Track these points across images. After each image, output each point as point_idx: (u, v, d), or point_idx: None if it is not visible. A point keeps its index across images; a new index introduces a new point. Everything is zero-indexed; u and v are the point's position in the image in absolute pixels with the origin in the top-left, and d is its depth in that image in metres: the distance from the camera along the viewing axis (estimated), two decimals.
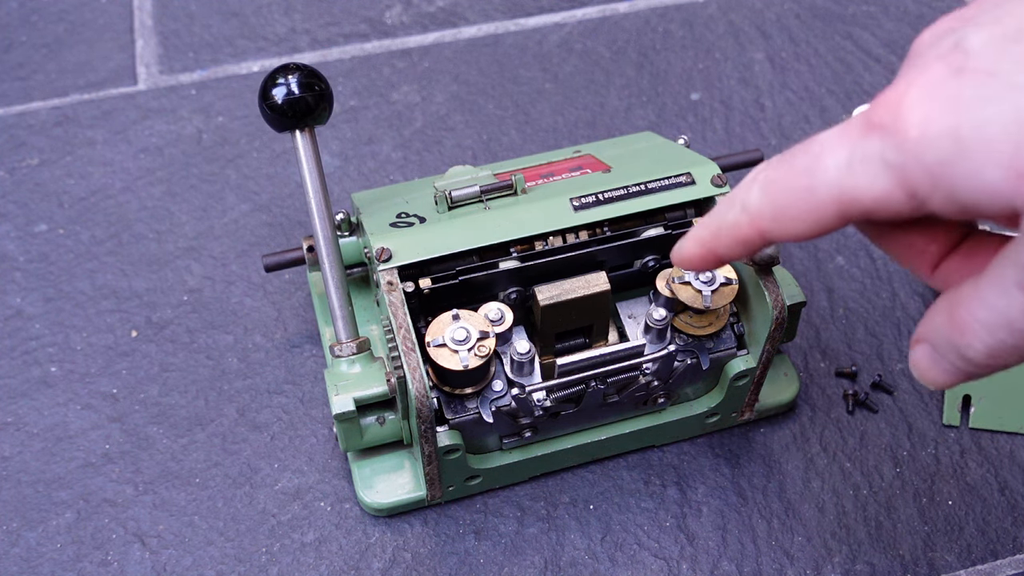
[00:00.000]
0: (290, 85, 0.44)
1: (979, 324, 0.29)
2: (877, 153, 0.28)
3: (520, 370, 0.44)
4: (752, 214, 0.32)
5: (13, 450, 0.51)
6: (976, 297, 0.29)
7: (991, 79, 0.26)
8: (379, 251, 0.44)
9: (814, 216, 0.30)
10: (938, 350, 0.31)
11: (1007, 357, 0.29)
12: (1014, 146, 0.26)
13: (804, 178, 0.30)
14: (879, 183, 0.28)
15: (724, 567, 0.47)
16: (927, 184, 0.27)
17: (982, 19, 0.28)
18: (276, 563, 0.47)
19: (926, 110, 0.27)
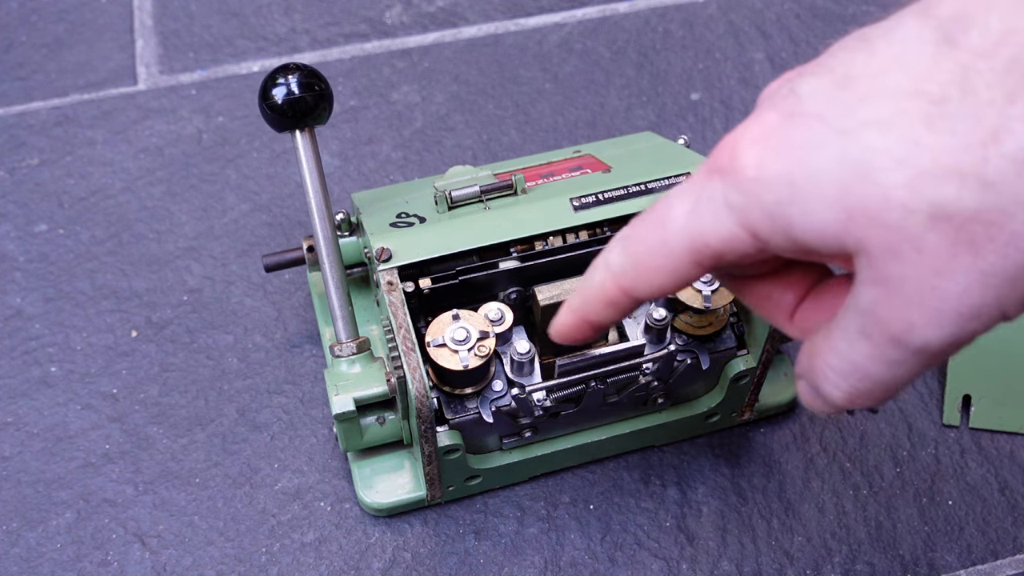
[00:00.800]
0: (290, 85, 0.44)
1: (833, 372, 0.30)
2: (720, 196, 0.29)
3: (520, 370, 0.44)
4: (615, 273, 0.33)
5: (13, 450, 0.51)
6: (827, 346, 0.30)
7: (819, 123, 0.27)
8: (379, 251, 0.44)
9: (671, 266, 0.31)
10: (811, 389, 0.32)
11: (867, 400, 0.30)
12: (840, 188, 0.26)
13: (658, 230, 0.31)
14: (724, 225, 0.29)
15: (724, 567, 0.47)
16: (767, 225, 0.28)
17: (816, 69, 0.28)
18: (276, 563, 0.47)
19: (761, 153, 0.28)
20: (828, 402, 0.31)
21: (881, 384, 0.29)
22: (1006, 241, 0.25)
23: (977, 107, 0.25)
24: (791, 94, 0.28)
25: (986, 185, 0.25)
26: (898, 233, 0.26)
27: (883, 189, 0.26)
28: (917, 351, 0.28)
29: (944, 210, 0.25)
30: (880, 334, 0.28)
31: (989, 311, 0.27)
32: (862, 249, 0.27)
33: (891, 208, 0.26)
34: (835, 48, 0.29)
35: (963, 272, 0.26)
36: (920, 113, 0.26)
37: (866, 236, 0.26)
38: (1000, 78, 0.25)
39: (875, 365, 0.29)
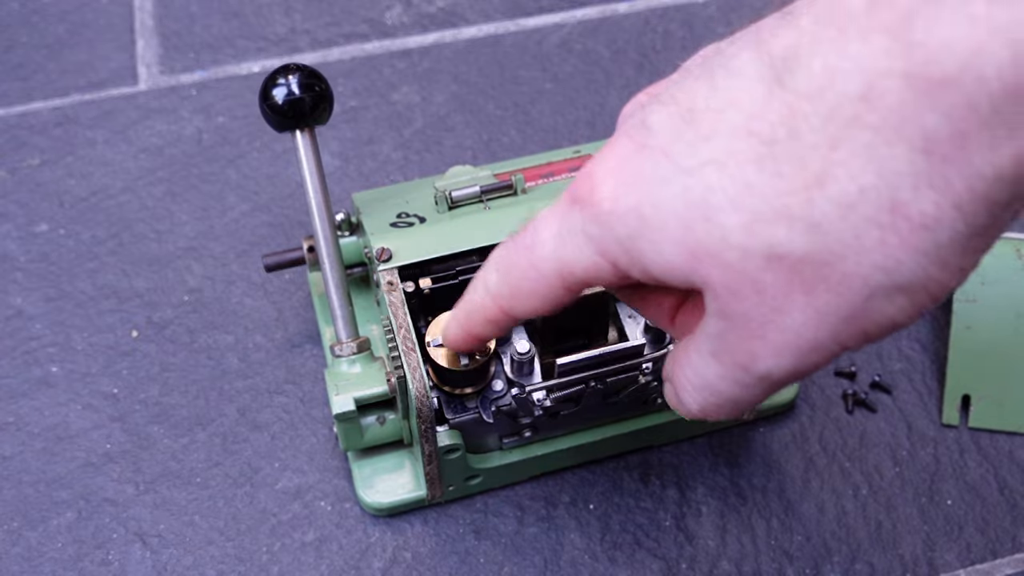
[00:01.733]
0: (290, 85, 0.44)
1: (689, 384, 0.31)
2: (580, 226, 0.30)
3: (520, 370, 0.44)
4: (493, 295, 0.34)
5: (14, 450, 0.51)
6: (685, 361, 0.31)
7: (665, 159, 0.28)
8: (379, 251, 0.44)
9: (544, 290, 0.32)
10: (677, 396, 0.33)
11: (718, 412, 0.31)
12: (683, 227, 0.27)
13: (528, 255, 0.32)
14: (585, 254, 0.30)
15: (723, 567, 0.47)
16: (623, 257, 0.29)
17: (664, 97, 0.29)
18: (276, 562, 0.47)
19: (615, 185, 0.29)
20: (686, 410, 0.32)
21: (732, 401, 0.30)
22: (838, 281, 0.26)
23: (803, 151, 0.25)
24: (642, 125, 0.29)
25: (813, 227, 0.25)
26: (738, 274, 0.27)
27: (722, 230, 0.26)
28: (762, 378, 0.29)
29: (777, 252, 0.26)
30: (728, 359, 0.29)
31: (827, 345, 0.27)
32: (707, 285, 0.28)
33: (730, 249, 0.26)
34: (685, 69, 0.30)
35: (799, 310, 0.26)
36: (752, 153, 0.26)
37: (709, 275, 0.27)
38: (823, 123, 0.25)
39: (725, 384, 0.30)
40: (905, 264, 0.25)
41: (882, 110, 0.24)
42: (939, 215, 0.24)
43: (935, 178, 0.24)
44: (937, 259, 0.25)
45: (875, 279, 0.25)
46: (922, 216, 0.24)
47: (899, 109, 0.24)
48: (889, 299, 0.26)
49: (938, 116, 0.23)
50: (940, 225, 0.24)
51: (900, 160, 0.24)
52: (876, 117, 0.24)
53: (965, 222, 0.24)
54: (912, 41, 0.23)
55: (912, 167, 0.24)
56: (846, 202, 0.25)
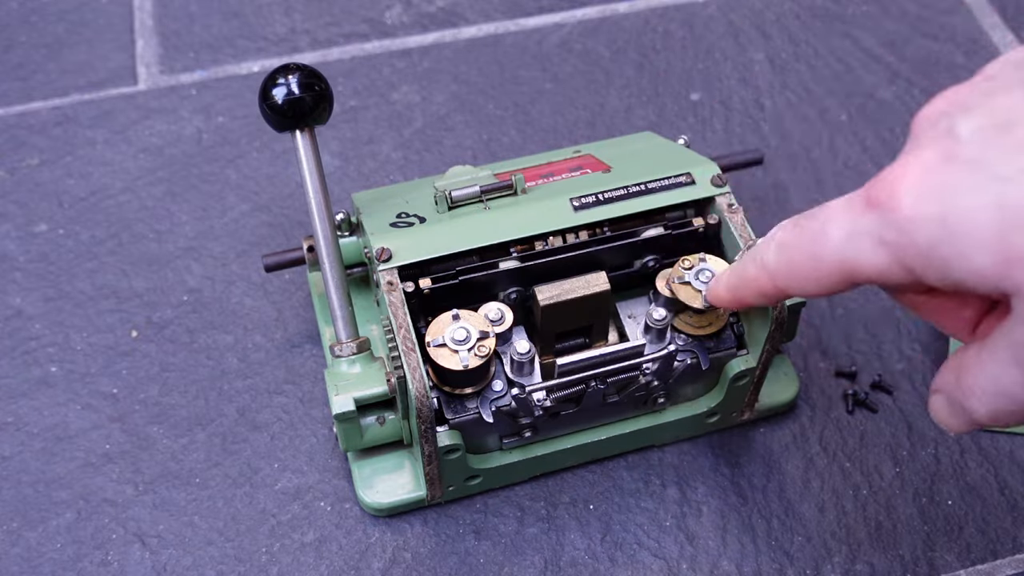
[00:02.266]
0: (290, 85, 0.44)
1: (981, 390, 0.31)
2: (875, 229, 0.30)
3: (520, 370, 0.44)
4: (770, 272, 0.35)
5: (13, 450, 0.51)
6: (978, 367, 0.31)
7: (978, 168, 0.28)
8: (379, 251, 0.44)
9: (822, 279, 0.32)
10: (951, 404, 0.33)
11: (1009, 418, 0.31)
12: (997, 234, 0.27)
13: (812, 245, 0.32)
14: (878, 258, 0.30)
15: (724, 567, 0.47)
16: (921, 262, 0.29)
17: (974, 107, 0.29)
18: (276, 563, 0.47)
19: (918, 193, 0.29)
20: (971, 418, 0.32)
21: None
22: None
23: None
24: (949, 134, 0.29)
25: None
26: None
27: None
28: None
29: None
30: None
31: None
32: (1019, 292, 0.27)
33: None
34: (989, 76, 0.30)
35: None
36: None
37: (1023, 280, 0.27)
38: None
39: None
40: None
41: None
42: None
43: None
44: None
45: None
46: None
47: None
48: None
49: None
50: None
51: None
52: None
53: None
54: None
55: None
56: None
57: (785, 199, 0.61)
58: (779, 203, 0.61)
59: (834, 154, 0.63)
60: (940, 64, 0.68)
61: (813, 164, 0.63)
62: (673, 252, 0.46)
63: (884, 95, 0.66)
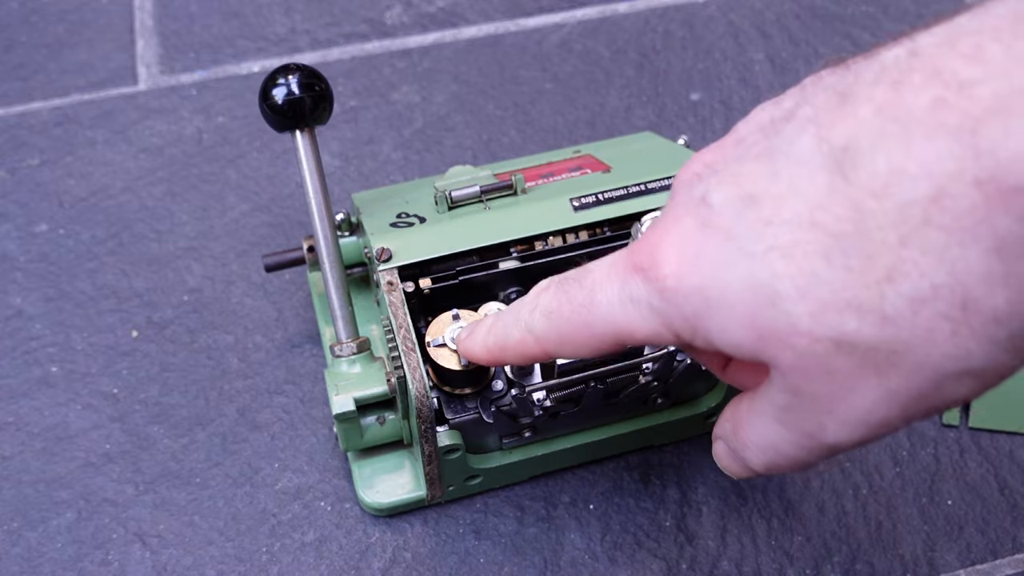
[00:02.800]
0: (290, 85, 0.44)
1: (754, 445, 0.32)
2: (644, 297, 0.30)
3: (520, 370, 0.44)
4: (538, 338, 0.35)
5: (13, 450, 0.51)
6: (749, 423, 0.32)
7: (729, 242, 0.28)
8: (379, 251, 0.44)
9: (596, 345, 0.33)
10: (730, 452, 0.34)
11: (784, 469, 0.32)
12: (750, 311, 0.28)
13: (582, 313, 0.33)
14: (648, 324, 0.31)
15: (724, 567, 0.47)
16: (687, 330, 0.30)
17: (724, 174, 0.29)
18: (276, 563, 0.47)
19: (679, 262, 0.29)
20: (748, 468, 0.33)
21: (798, 462, 0.31)
22: (909, 368, 0.26)
23: (871, 246, 0.26)
24: (703, 202, 0.29)
25: (885, 320, 0.26)
26: (808, 358, 0.27)
27: (789, 317, 0.27)
28: (830, 447, 0.30)
29: (848, 339, 0.26)
30: (796, 428, 0.30)
31: (895, 421, 0.28)
32: (775, 365, 0.28)
33: (799, 335, 0.27)
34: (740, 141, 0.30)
35: (870, 389, 0.27)
36: (819, 245, 0.26)
37: (777, 355, 0.28)
38: (892, 220, 0.25)
39: (791, 448, 0.31)
40: (976, 353, 0.26)
41: (953, 212, 0.24)
42: (1011, 310, 0.25)
43: (1009, 277, 0.24)
44: (1009, 347, 0.25)
45: (946, 367, 0.26)
46: (995, 311, 0.25)
47: (971, 212, 0.24)
48: (959, 382, 0.26)
49: (1011, 220, 0.24)
50: (1012, 319, 0.25)
51: (972, 260, 0.24)
52: (948, 219, 0.24)
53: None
54: (981, 149, 0.24)
55: (985, 267, 0.24)
56: (918, 298, 0.25)
57: None
58: None
59: None
60: None
61: None
62: None
63: None
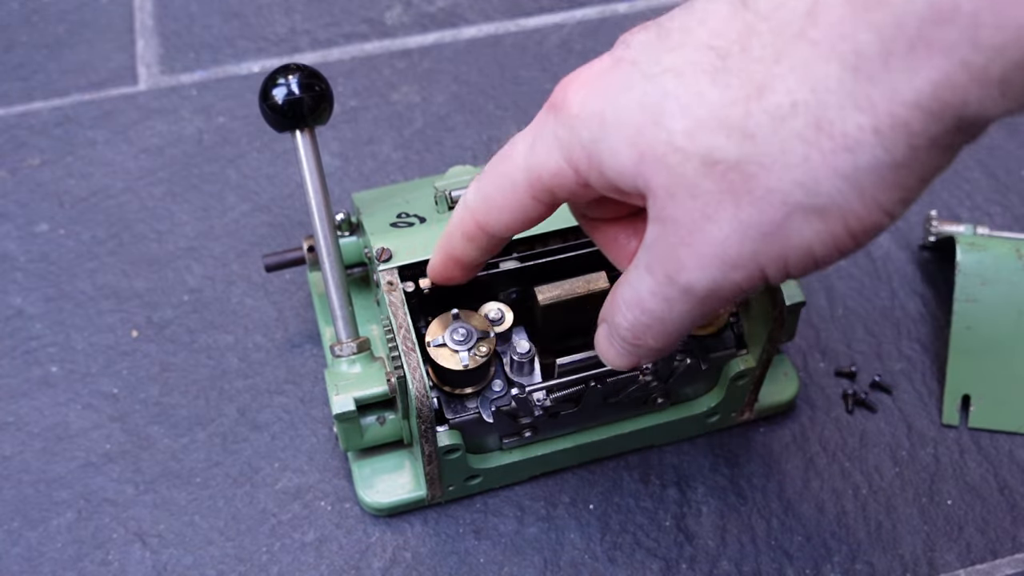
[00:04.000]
0: (290, 85, 0.44)
1: (624, 303, 0.32)
2: (551, 131, 0.32)
3: (520, 370, 0.44)
4: (471, 208, 0.36)
5: (14, 450, 0.51)
6: (625, 281, 0.32)
7: (633, 68, 0.30)
8: (379, 251, 0.44)
9: (515, 201, 0.34)
10: (608, 329, 0.34)
11: (646, 334, 0.32)
12: (636, 130, 0.29)
13: (502, 165, 0.34)
14: (553, 158, 0.32)
15: (723, 567, 0.47)
16: (584, 161, 0.31)
17: (651, 25, 0.31)
18: (276, 562, 0.47)
19: (586, 92, 0.31)
20: (617, 335, 0.33)
21: (659, 320, 0.31)
22: (761, 196, 0.27)
23: (750, 64, 0.27)
24: (624, 43, 0.31)
25: (747, 137, 0.27)
26: (677, 177, 0.28)
27: (668, 134, 0.28)
28: (685, 291, 0.30)
29: (713, 157, 0.27)
30: (659, 270, 0.30)
31: (748, 263, 0.29)
32: (649, 189, 0.29)
33: (673, 152, 0.28)
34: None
35: (726, 220, 0.28)
36: (708, 66, 0.28)
37: (652, 177, 0.29)
38: (772, 39, 0.27)
39: (654, 300, 0.31)
40: (823, 184, 0.26)
41: (823, 26, 0.25)
42: (860, 137, 0.25)
43: (860, 99, 0.25)
44: (856, 185, 0.26)
45: (794, 196, 0.27)
46: (844, 137, 0.26)
47: (838, 25, 0.25)
48: (807, 220, 0.27)
49: (870, 34, 0.25)
50: (860, 148, 0.25)
51: (832, 77, 0.25)
52: (817, 32, 0.26)
53: (884, 148, 0.25)
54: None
55: (841, 85, 0.25)
56: (779, 115, 0.26)
57: None
58: None
59: None
60: None
61: None
62: None
63: None
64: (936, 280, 0.57)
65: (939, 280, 0.57)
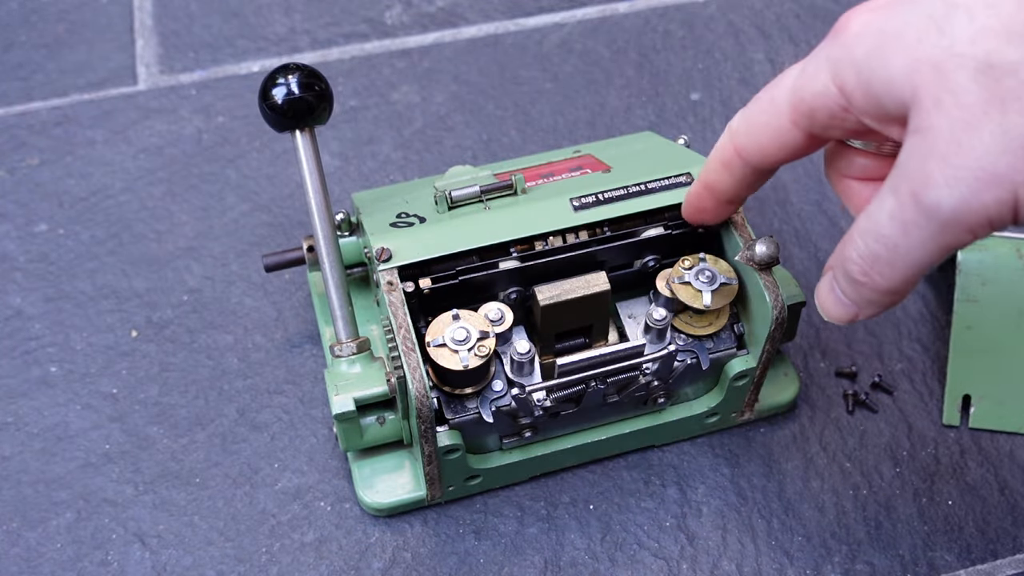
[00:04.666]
0: (290, 85, 0.44)
1: (857, 232, 0.32)
2: (824, 52, 0.32)
3: (520, 370, 0.44)
4: (732, 132, 0.36)
5: (13, 450, 0.51)
6: (863, 215, 0.32)
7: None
8: (379, 251, 0.44)
9: (775, 124, 0.34)
10: (834, 275, 0.34)
11: (875, 269, 0.31)
12: (917, 39, 0.29)
13: (771, 89, 0.34)
14: (820, 78, 0.32)
15: (724, 567, 0.47)
16: (852, 77, 0.31)
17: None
18: (276, 563, 0.47)
19: (869, 16, 0.31)
20: (843, 275, 0.32)
21: (893, 249, 0.30)
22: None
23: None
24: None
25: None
26: (947, 81, 0.28)
27: (951, 40, 0.28)
28: (928, 212, 0.29)
29: (990, 61, 0.28)
30: (904, 188, 0.30)
31: (1003, 181, 0.28)
32: (916, 99, 0.29)
33: (951, 57, 0.28)
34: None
35: (988, 131, 0.28)
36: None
37: (921, 84, 0.29)
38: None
39: (892, 224, 0.30)
40: None
41: None
42: None
43: None
44: None
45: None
46: None
47: None
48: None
49: None
50: None
51: None
52: None
53: None
54: None
55: None
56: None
57: (785, 199, 0.61)
58: (779, 203, 0.61)
59: None
60: None
61: (813, 164, 0.63)
62: (673, 252, 0.46)
63: None
64: (937, 280, 0.57)
65: (939, 280, 0.57)
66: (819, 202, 0.61)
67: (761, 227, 0.60)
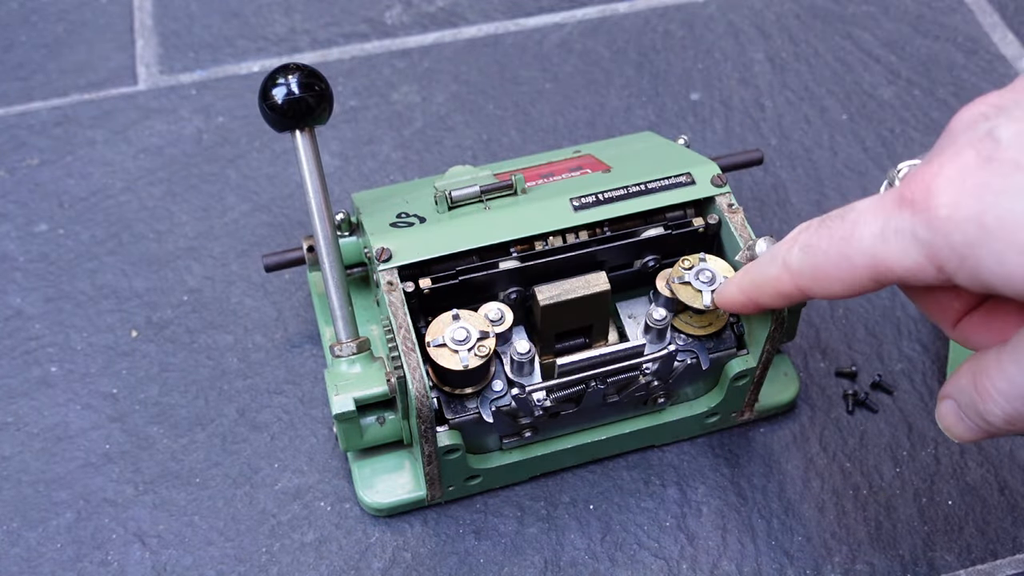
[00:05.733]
0: (290, 85, 0.44)
1: (998, 393, 0.31)
2: (909, 228, 0.30)
3: (520, 370, 0.44)
4: (793, 273, 0.35)
5: (13, 450, 0.51)
6: (997, 368, 0.31)
7: (1017, 172, 0.28)
8: (379, 251, 0.44)
9: (850, 280, 0.32)
10: (962, 408, 0.33)
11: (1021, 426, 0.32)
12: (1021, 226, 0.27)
13: (842, 246, 0.32)
14: (910, 256, 0.30)
15: (724, 567, 0.47)
16: (954, 262, 0.29)
17: (1015, 111, 0.29)
18: (276, 563, 0.47)
19: (955, 193, 0.29)
20: (984, 422, 0.32)
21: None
22: None
23: None
24: (989, 137, 0.29)
25: None
26: None
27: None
28: None
29: None
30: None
31: None
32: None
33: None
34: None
35: None
36: None
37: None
38: None
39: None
40: None
41: None
42: None
43: None
44: None
45: None
46: None
47: None
48: None
49: None
50: None
51: None
52: None
53: None
54: None
55: None
56: None
57: (785, 199, 0.61)
58: (779, 203, 0.61)
59: (834, 154, 0.63)
60: (940, 64, 0.68)
61: (813, 164, 0.63)
62: (673, 252, 0.46)
63: (884, 95, 0.66)
64: None
65: None
66: (819, 202, 0.61)
67: (761, 227, 0.60)
